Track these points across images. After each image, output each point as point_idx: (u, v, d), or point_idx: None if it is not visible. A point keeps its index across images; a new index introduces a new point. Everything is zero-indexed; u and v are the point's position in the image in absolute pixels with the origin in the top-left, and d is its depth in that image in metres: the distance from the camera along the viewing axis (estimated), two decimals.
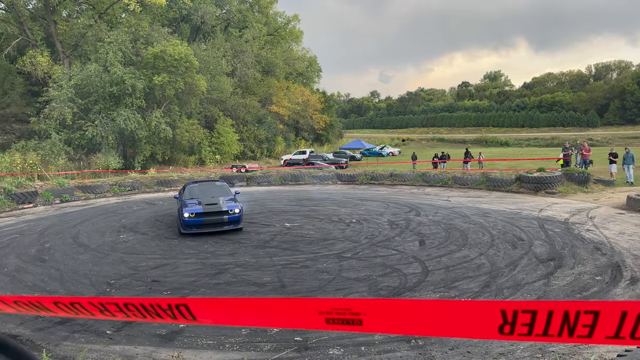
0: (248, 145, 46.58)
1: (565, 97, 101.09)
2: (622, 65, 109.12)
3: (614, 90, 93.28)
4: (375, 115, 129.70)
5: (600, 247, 10.12)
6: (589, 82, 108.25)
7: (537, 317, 0.93)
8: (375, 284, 8.12)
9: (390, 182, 24.78)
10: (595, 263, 8.93)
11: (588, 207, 15.50)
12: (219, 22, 48.90)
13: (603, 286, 7.65)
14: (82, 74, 32.06)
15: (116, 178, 26.10)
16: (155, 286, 8.33)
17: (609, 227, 12.19)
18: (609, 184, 19.86)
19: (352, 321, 1.06)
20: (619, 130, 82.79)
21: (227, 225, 13.01)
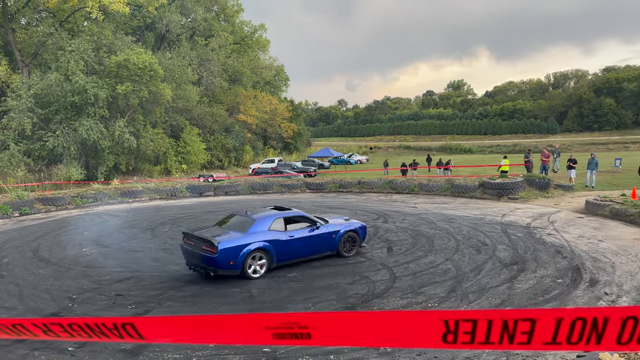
0: (215, 154, 46.14)
1: (526, 105, 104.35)
2: (579, 74, 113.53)
3: (572, 98, 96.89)
4: (343, 124, 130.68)
5: (561, 250, 10.43)
6: (548, 90, 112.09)
7: (477, 325, 0.96)
8: (344, 291, 8.15)
9: (358, 189, 24.95)
10: (556, 266, 9.20)
11: (549, 211, 15.98)
12: (185, 30, 48.45)
13: (564, 289, 7.89)
14: (42, 83, 31.18)
15: (78, 189, 25.37)
16: (120, 300, 8.13)
17: (569, 230, 12.59)
18: (569, 189, 20.53)
19: (301, 335, 1.07)
20: (577, 136, 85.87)
21: None
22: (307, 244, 9.97)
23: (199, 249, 8.93)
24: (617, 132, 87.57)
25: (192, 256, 9.18)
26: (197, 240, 9.07)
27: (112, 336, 1.33)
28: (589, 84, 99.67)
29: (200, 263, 8.96)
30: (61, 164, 31.24)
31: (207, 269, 8.88)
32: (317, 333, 1.06)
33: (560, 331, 0.92)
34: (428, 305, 7.36)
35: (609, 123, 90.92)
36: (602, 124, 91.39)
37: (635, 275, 8.42)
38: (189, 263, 9.45)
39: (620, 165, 27.88)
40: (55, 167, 31.11)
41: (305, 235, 9.96)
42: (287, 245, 9.56)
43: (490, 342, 0.98)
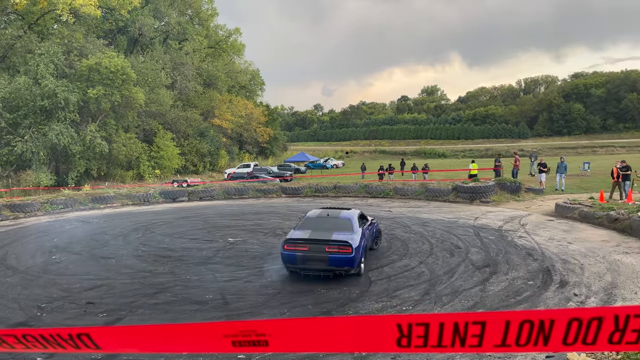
0: (190, 159, 45.64)
1: (498, 110, 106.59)
2: (549, 79, 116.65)
3: (542, 103, 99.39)
4: (319, 128, 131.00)
5: (532, 252, 10.66)
6: (519, 95, 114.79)
7: (430, 329, 0.98)
8: (320, 296, 8.15)
9: (334, 194, 25.02)
10: (527, 268, 9.39)
11: (520, 214, 16.31)
12: (158, 34, 47.90)
13: (535, 290, 8.05)
14: (10, 86, 30.37)
15: (48, 196, 24.76)
16: (90, 308, 7.95)
17: (540, 233, 12.88)
18: (539, 193, 21.00)
19: (259, 342, 1.07)
20: (548, 141, 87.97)
21: None
22: (369, 238, 10.48)
23: (322, 251, 8.78)
24: (585, 136, 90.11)
25: (313, 260, 8.89)
26: (317, 244, 8.88)
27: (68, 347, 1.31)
28: (558, 90, 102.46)
29: (328, 266, 8.81)
30: (30, 169, 30.45)
31: (337, 270, 8.84)
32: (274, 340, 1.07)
33: (509, 334, 0.95)
34: (402, 308, 7.42)
35: (577, 128, 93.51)
36: (571, 128, 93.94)
37: (603, 277, 8.65)
38: (302, 269, 9.09)
39: (588, 169, 28.66)
40: (24, 172, 30.31)
41: (369, 230, 10.56)
42: (365, 240, 9.86)
43: (443, 346, 1.00)
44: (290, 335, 1.05)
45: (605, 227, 13.25)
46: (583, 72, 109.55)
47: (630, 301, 7.38)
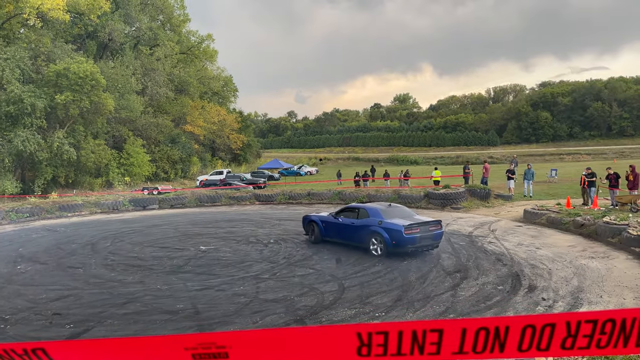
0: (161, 166, 44.96)
1: (468, 118, 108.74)
2: (518, 88, 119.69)
3: (511, 111, 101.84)
4: (293, 135, 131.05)
5: (501, 258, 10.86)
6: (488, 104, 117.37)
7: (389, 337, 0.99)
8: (293, 304, 8.11)
9: (308, 201, 25.02)
10: (497, 273, 9.56)
11: (490, 220, 16.61)
12: (129, 39, 47.19)
13: (505, 295, 8.20)
14: None
15: (13, 204, 24.00)
16: (57, 320, 7.73)
17: (509, 239, 13.14)
18: (508, 199, 21.45)
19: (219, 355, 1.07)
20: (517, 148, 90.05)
21: None
22: None
23: (429, 231, 11.30)
24: (552, 144, 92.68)
25: (425, 239, 11.24)
26: (424, 225, 11.37)
27: None
28: (526, 98, 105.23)
29: (433, 241, 11.46)
30: None
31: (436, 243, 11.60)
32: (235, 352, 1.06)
33: (466, 341, 0.97)
34: (375, 314, 7.45)
35: (545, 135, 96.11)
36: (539, 136, 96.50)
37: (570, 281, 8.87)
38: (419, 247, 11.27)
39: (556, 176, 29.43)
40: None
41: None
42: None
43: (402, 354, 1.01)
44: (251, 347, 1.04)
45: (572, 232, 13.62)
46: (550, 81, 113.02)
47: (595, 304, 7.59)
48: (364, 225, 12.06)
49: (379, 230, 11.55)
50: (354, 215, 12.59)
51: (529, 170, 22.49)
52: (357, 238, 12.25)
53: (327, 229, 13.17)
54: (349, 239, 12.61)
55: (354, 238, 12.41)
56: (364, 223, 12.08)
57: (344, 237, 12.75)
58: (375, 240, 11.66)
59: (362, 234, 12.03)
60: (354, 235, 12.36)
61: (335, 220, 13.03)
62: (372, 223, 11.85)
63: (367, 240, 11.84)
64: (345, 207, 13.66)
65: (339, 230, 12.86)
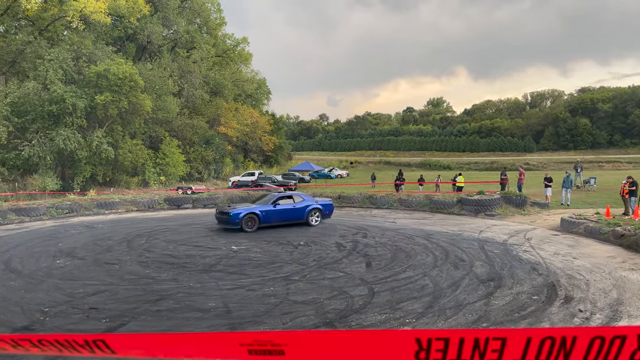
0: (195, 166, 45.77)
1: (504, 123, 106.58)
2: (555, 94, 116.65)
3: (548, 117, 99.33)
4: (324, 138, 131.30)
5: (536, 267, 10.57)
6: (525, 109, 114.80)
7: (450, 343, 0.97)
8: (322, 306, 8.09)
9: (338, 204, 24.98)
10: (532, 283, 9.31)
11: (525, 228, 16.22)
12: (166, 42, 48.28)
13: (540, 305, 7.97)
14: (20, 91, 30.63)
15: (53, 200, 24.85)
16: (93, 314, 7.93)
17: (545, 247, 12.79)
18: (545, 207, 20.90)
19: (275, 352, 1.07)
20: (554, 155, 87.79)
21: (228, 224, 16.42)
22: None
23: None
24: (591, 151, 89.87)
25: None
26: None
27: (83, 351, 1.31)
28: (565, 104, 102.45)
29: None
30: (36, 173, 30.63)
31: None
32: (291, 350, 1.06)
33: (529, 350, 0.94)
34: (406, 321, 7.36)
35: (584, 142, 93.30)
36: (577, 143, 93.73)
37: (608, 293, 8.56)
38: None
39: (594, 184, 28.53)
40: (30, 177, 30.48)
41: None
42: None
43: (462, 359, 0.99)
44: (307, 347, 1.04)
45: (611, 242, 13.15)
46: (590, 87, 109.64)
47: (636, 318, 7.30)
48: (305, 205, 17.32)
49: (317, 206, 17.58)
50: (291, 201, 17.29)
51: (568, 178, 21.87)
52: (298, 216, 17.16)
53: (268, 216, 16.60)
54: (289, 219, 17.07)
55: (294, 217, 17.12)
56: (304, 204, 17.33)
57: (285, 219, 17.03)
58: (315, 214, 17.50)
59: (304, 212, 17.23)
60: (295, 214, 17.14)
61: (274, 208, 16.82)
62: (311, 203, 17.56)
63: (308, 215, 17.27)
64: (279, 197, 17.68)
65: (280, 214, 16.92)
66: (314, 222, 17.54)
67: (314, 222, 17.54)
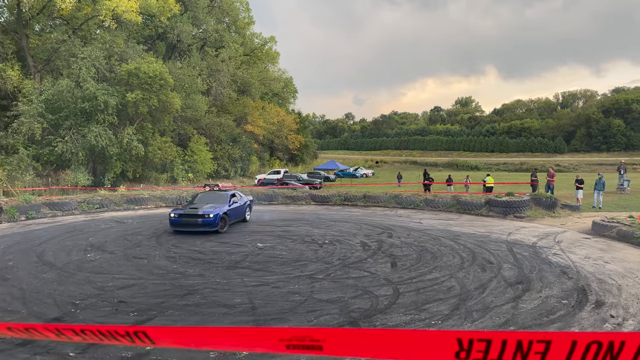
0: (222, 164, 46.28)
1: (534, 123, 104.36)
2: (588, 94, 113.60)
3: (580, 118, 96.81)
4: (350, 137, 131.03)
5: (566, 271, 10.33)
6: (556, 109, 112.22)
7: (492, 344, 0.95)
8: (347, 305, 8.08)
9: (363, 203, 24.91)
10: (561, 287, 9.10)
11: (555, 231, 15.86)
12: (196, 41, 48.92)
13: (569, 310, 7.79)
14: (54, 89, 31.49)
15: (85, 195, 25.49)
16: (122, 307, 8.11)
17: (575, 251, 12.48)
18: (576, 209, 20.40)
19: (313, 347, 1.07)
20: (585, 156, 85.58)
21: (201, 227, 15.44)
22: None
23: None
24: (625, 153, 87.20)
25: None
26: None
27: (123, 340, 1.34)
28: (597, 105, 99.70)
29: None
30: (69, 169, 31.43)
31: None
32: (328, 346, 1.06)
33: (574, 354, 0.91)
34: (431, 322, 7.29)
35: (617, 144, 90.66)
36: (610, 144, 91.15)
37: None
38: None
39: (628, 187, 27.71)
40: (63, 172, 31.31)
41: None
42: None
43: None
44: (345, 344, 1.04)
45: None
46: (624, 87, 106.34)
47: None
48: (245, 202, 18.51)
49: (250, 203, 19.29)
50: (238, 199, 17.89)
51: (600, 180, 21.30)
52: (243, 213, 18.05)
53: (231, 215, 16.83)
54: (240, 215, 17.78)
55: (241, 214, 17.88)
56: (245, 201, 18.49)
57: (239, 216, 17.66)
58: (249, 209, 18.90)
59: (245, 209, 18.25)
60: (243, 211, 17.96)
61: (233, 206, 17.15)
62: (248, 199, 19.01)
63: (245, 211, 18.28)
64: (231, 194, 17.86)
65: (236, 212, 17.31)
66: (249, 218, 18.69)
67: (249, 218, 18.69)
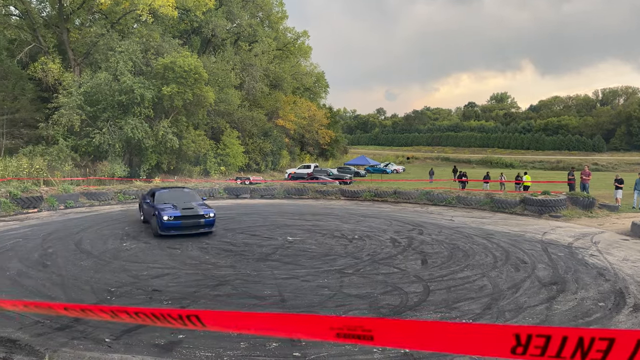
0: (253, 157, 46.72)
1: (572, 120, 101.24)
2: (629, 91, 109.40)
3: (621, 115, 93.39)
4: (381, 132, 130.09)
5: (603, 272, 10.04)
6: (595, 106, 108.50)
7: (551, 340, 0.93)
8: (376, 301, 8.06)
9: (393, 199, 24.74)
10: (598, 289, 8.85)
11: (592, 232, 15.42)
12: (230, 35, 49.40)
13: (606, 312, 7.57)
14: (92, 81, 32.37)
15: (121, 186, 26.18)
16: (156, 295, 8.31)
17: (613, 252, 12.10)
18: (614, 210, 19.76)
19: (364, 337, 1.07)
20: (625, 156, 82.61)
21: (202, 228, 14.14)
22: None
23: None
24: None
25: None
26: None
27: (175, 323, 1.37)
28: (639, 102, 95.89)
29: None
30: (106, 160, 32.30)
31: None
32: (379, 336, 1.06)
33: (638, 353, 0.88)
34: (462, 321, 7.20)
35: None
36: None
37: None
38: None
39: None
40: (100, 163, 32.20)
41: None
42: None
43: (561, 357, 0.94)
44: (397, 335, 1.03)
45: None
46: None
47: None
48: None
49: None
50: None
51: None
52: None
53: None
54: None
55: None
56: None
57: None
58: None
59: None
60: None
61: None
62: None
63: None
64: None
65: None
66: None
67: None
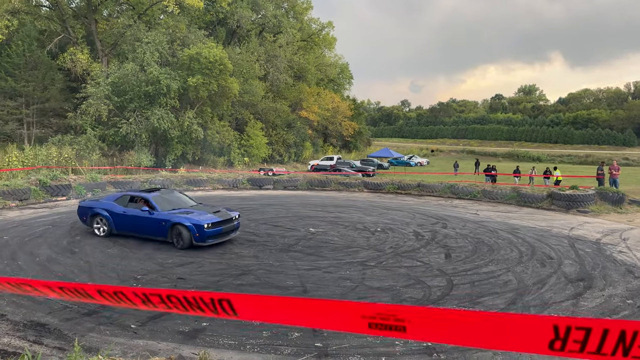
0: (276, 149, 46.89)
1: (602, 114, 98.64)
2: None
3: None
4: (405, 125, 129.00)
5: (632, 269, 9.80)
6: (627, 100, 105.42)
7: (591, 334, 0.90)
8: (399, 294, 8.03)
9: (417, 192, 24.54)
10: (627, 286, 8.65)
11: (621, 228, 15.04)
12: (254, 26, 49.48)
13: (634, 310, 7.40)
14: (119, 72, 32.87)
15: (147, 175, 26.61)
16: (180, 283, 8.44)
17: None
18: None
19: (396, 328, 1.05)
20: None
21: (233, 232, 12.33)
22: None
23: None
24: None
25: None
26: None
27: (207, 310, 1.38)
28: None
29: None
30: (132, 150, 32.84)
31: None
32: (413, 327, 1.05)
33: None
34: None
35: None
36: None
37: None
38: None
39: None
40: (127, 152, 32.76)
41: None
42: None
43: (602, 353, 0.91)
44: (430, 326, 1.02)
45: None
46: None
47: None
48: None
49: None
50: None
51: None
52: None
53: None
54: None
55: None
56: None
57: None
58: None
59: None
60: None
61: None
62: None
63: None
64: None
65: None
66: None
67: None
